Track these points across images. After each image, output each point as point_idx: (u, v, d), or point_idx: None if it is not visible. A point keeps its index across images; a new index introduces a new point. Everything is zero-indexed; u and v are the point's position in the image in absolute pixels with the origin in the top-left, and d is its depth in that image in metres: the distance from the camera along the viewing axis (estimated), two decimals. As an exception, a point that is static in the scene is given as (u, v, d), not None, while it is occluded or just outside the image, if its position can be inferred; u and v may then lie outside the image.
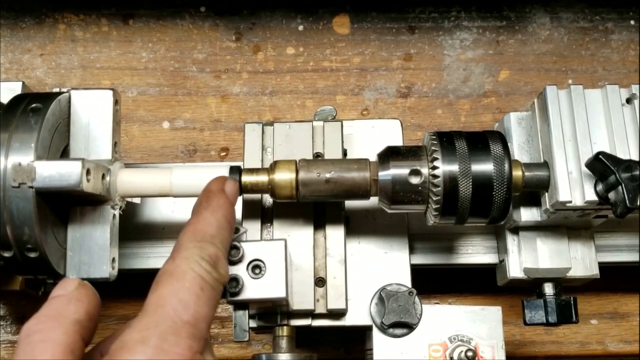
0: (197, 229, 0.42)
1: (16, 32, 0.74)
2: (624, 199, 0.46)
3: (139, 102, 0.72)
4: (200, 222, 0.42)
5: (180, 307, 0.37)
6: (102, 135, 0.52)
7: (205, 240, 0.41)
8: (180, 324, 0.36)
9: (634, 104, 0.52)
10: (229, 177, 0.48)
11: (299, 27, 0.75)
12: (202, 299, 0.38)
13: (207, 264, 0.39)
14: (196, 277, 0.38)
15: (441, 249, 0.59)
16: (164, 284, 0.38)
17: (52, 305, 0.38)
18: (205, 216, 0.42)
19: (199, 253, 0.40)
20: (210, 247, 0.40)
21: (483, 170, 0.47)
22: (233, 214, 0.44)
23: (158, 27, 0.75)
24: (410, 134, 0.71)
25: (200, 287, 0.38)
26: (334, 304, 0.51)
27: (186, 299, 0.37)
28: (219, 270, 0.40)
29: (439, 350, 0.51)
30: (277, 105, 0.72)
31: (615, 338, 0.66)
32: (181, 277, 0.38)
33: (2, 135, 0.46)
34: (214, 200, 0.44)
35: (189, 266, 0.39)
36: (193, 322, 0.37)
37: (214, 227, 0.42)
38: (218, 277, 0.40)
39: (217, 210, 0.43)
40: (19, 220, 0.45)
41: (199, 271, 0.39)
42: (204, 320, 0.37)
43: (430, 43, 0.74)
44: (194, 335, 0.36)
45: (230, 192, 0.46)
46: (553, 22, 0.75)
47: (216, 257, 0.40)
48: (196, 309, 0.37)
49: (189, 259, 0.39)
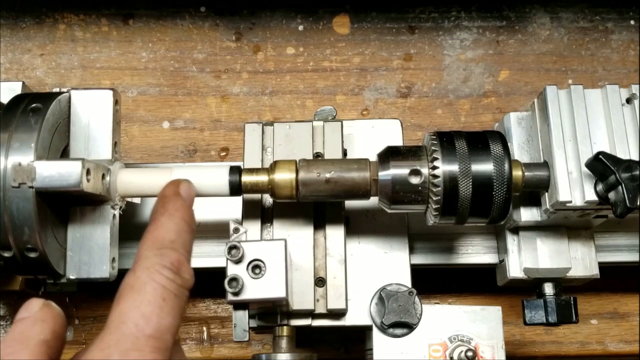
0: (156, 236, 0.41)
1: (16, 32, 0.74)
2: (624, 199, 0.46)
3: (139, 102, 0.72)
4: (158, 229, 0.41)
5: (142, 321, 0.36)
6: (102, 135, 0.52)
7: (165, 247, 0.40)
8: (143, 339, 0.36)
9: (634, 104, 0.52)
10: (183, 180, 0.47)
11: (299, 27, 0.75)
12: (165, 309, 0.37)
13: (169, 272, 0.39)
14: (157, 288, 0.38)
15: (441, 249, 0.59)
16: (124, 299, 0.37)
17: (17, 328, 0.37)
18: (162, 222, 0.42)
19: (160, 261, 0.39)
20: (171, 253, 0.40)
21: (483, 170, 0.47)
22: (191, 216, 0.43)
23: (158, 27, 0.74)
24: (410, 134, 0.71)
25: (162, 297, 0.37)
26: (334, 304, 0.51)
27: (148, 312, 0.36)
28: (183, 276, 0.39)
29: (439, 350, 0.51)
30: (277, 105, 0.72)
31: (615, 338, 0.66)
32: (142, 289, 0.37)
33: (2, 135, 0.46)
34: (170, 205, 0.43)
35: (149, 277, 0.38)
36: (157, 336, 0.36)
37: (173, 232, 0.41)
38: (182, 283, 0.39)
39: (174, 214, 0.42)
40: (19, 220, 0.45)
41: (160, 281, 0.38)
42: (168, 331, 0.37)
43: (430, 43, 0.74)
44: (158, 348, 0.36)
45: (186, 194, 0.45)
46: (553, 22, 0.75)
47: (178, 263, 0.39)
48: (159, 321, 0.37)
49: (150, 269, 0.38)
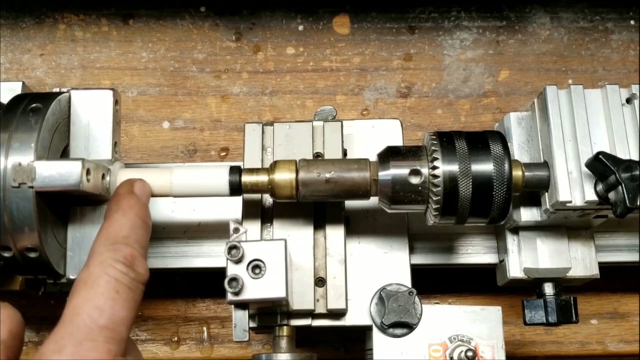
0: (109, 232, 0.41)
1: (16, 32, 0.74)
2: (624, 199, 0.46)
3: (139, 102, 0.72)
4: (111, 225, 0.42)
5: (95, 313, 0.37)
6: (102, 135, 0.52)
7: (118, 242, 0.41)
8: (97, 329, 0.36)
9: (634, 104, 0.52)
10: (137, 179, 0.48)
11: (299, 27, 0.75)
12: (118, 302, 0.38)
13: (123, 266, 0.39)
14: (110, 281, 0.38)
15: (441, 249, 0.59)
16: (78, 293, 0.38)
17: None
18: (116, 218, 0.42)
19: (113, 256, 0.39)
20: (124, 248, 0.40)
21: (483, 170, 0.47)
22: (146, 213, 0.44)
23: (158, 27, 0.74)
24: (410, 134, 0.71)
25: (115, 290, 0.38)
26: (334, 304, 0.51)
27: (101, 304, 0.37)
28: (137, 270, 0.40)
29: (439, 350, 0.51)
30: (277, 105, 0.72)
31: (615, 338, 0.66)
32: (95, 283, 0.38)
33: (2, 135, 0.46)
34: (124, 202, 0.44)
35: (103, 271, 0.39)
36: (111, 327, 0.37)
37: (126, 228, 0.42)
38: (136, 277, 0.40)
39: (128, 211, 0.43)
40: (19, 220, 0.45)
41: (113, 274, 0.39)
42: (122, 323, 0.37)
43: (430, 43, 0.74)
44: (112, 338, 0.36)
45: (140, 192, 0.46)
46: (553, 22, 0.75)
47: (132, 257, 0.40)
48: (112, 312, 0.37)
49: (103, 263, 0.39)
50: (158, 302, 0.66)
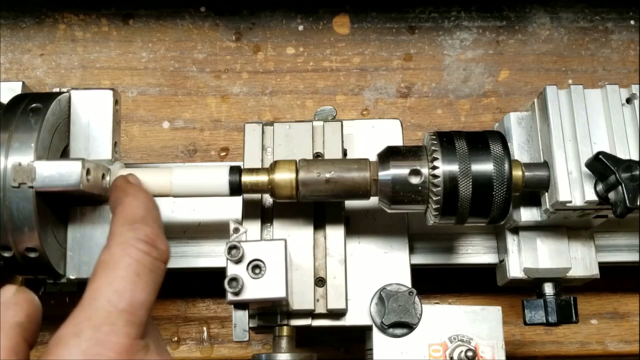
0: (126, 214, 0.41)
1: (16, 32, 0.74)
2: (624, 199, 0.46)
3: (139, 102, 0.72)
4: (126, 209, 0.41)
5: (114, 296, 0.36)
6: (102, 135, 0.52)
7: (137, 222, 0.40)
8: (116, 313, 0.36)
9: (634, 104, 0.52)
10: (129, 174, 0.48)
11: (299, 27, 0.75)
12: (138, 285, 0.37)
13: (145, 244, 0.39)
14: (132, 263, 0.38)
15: (441, 249, 0.59)
16: (98, 276, 0.37)
17: None
18: (128, 202, 0.42)
19: (134, 235, 0.39)
20: (144, 227, 0.40)
21: (483, 170, 0.47)
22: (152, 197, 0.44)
23: (158, 27, 0.75)
24: (410, 134, 0.71)
25: (136, 273, 0.37)
26: (334, 304, 0.51)
27: (121, 287, 0.37)
28: (159, 247, 0.39)
29: (439, 350, 0.51)
30: (277, 105, 0.72)
31: (615, 338, 0.66)
32: (115, 265, 0.38)
33: (2, 135, 0.46)
34: (129, 188, 0.44)
35: (124, 252, 0.38)
36: (130, 310, 0.36)
37: (142, 209, 0.41)
38: (158, 255, 0.39)
39: (137, 194, 0.43)
40: (19, 220, 0.45)
41: (135, 256, 0.38)
42: (142, 307, 0.37)
43: (430, 43, 0.74)
44: (132, 322, 0.36)
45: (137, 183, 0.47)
46: (553, 22, 0.75)
47: (154, 234, 0.40)
48: (132, 295, 0.37)
49: (124, 243, 0.39)
50: (158, 302, 0.65)
